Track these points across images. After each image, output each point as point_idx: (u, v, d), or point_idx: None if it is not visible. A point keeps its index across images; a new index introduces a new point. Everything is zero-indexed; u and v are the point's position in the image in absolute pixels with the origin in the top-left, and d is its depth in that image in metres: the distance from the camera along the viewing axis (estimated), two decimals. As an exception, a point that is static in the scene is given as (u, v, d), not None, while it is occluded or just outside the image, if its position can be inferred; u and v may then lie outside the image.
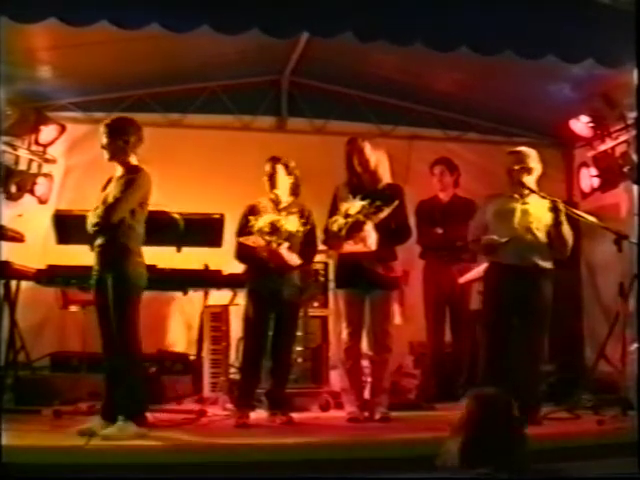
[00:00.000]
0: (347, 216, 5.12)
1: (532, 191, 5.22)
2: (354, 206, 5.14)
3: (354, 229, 5.12)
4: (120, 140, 4.70)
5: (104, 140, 4.72)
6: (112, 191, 4.68)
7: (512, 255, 5.14)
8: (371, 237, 5.18)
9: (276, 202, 5.36)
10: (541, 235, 5.19)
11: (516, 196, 5.27)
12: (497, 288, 5.26)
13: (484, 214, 5.34)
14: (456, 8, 4.65)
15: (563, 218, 5.16)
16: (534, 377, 5.21)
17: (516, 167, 5.23)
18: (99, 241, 4.68)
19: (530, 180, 5.25)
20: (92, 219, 4.66)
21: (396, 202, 5.23)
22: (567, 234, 5.18)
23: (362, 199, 5.15)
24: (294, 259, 5.24)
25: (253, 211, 5.32)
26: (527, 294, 5.13)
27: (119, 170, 4.75)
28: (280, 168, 5.36)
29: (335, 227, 5.16)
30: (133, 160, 4.76)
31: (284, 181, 5.38)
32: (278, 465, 4.09)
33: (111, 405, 4.64)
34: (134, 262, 4.65)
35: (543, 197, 5.22)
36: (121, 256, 4.62)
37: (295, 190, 5.43)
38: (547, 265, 5.22)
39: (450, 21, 4.68)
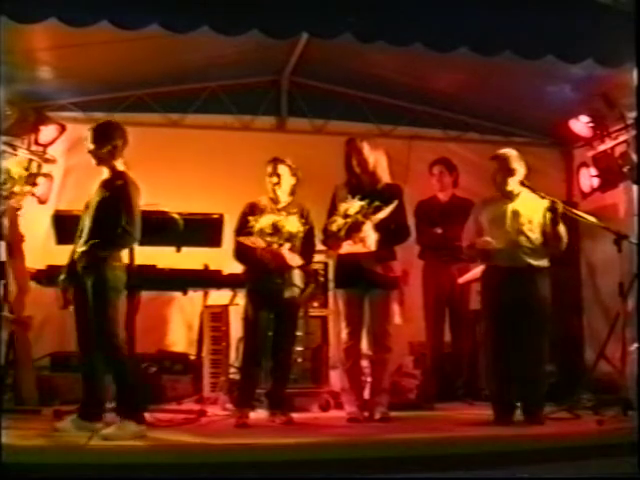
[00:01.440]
0: (346, 216, 5.12)
1: (533, 191, 5.22)
2: (353, 206, 5.14)
3: (353, 229, 5.12)
4: (108, 146, 4.70)
5: (90, 146, 4.73)
6: (97, 198, 4.68)
7: (506, 257, 5.15)
8: (370, 237, 5.18)
9: (276, 202, 5.37)
10: (534, 235, 5.18)
11: (505, 198, 5.26)
12: (495, 290, 5.26)
13: (478, 219, 5.34)
14: (455, 9, 4.66)
15: (560, 217, 5.16)
16: (537, 377, 5.21)
17: (504, 169, 5.21)
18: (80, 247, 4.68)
19: (513, 182, 5.23)
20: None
21: (395, 202, 5.23)
22: (562, 232, 5.18)
23: (361, 199, 5.15)
24: (296, 260, 5.25)
25: (253, 210, 5.32)
26: (525, 294, 5.13)
27: (105, 173, 4.75)
28: (285, 169, 5.37)
29: (334, 227, 5.16)
30: (119, 165, 4.76)
31: (288, 182, 5.38)
32: (278, 465, 4.09)
33: (89, 405, 4.66)
34: (112, 266, 4.65)
35: (541, 196, 5.22)
36: (99, 260, 4.61)
37: (294, 190, 5.43)
38: (542, 264, 5.22)
39: (449, 22, 4.69)
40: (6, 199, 5.60)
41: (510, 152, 5.29)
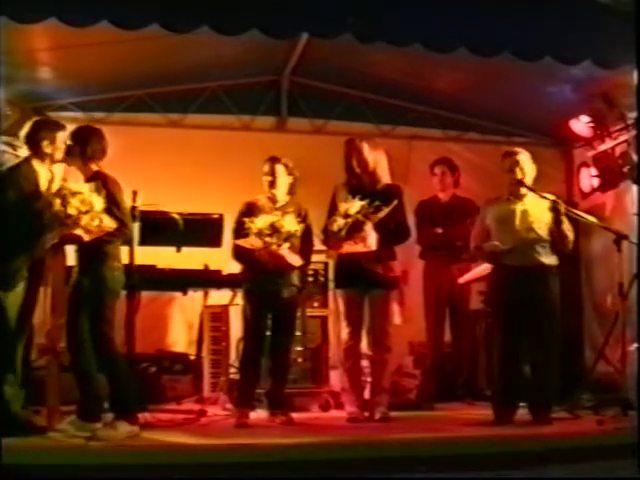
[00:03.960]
0: (347, 216, 5.12)
1: (532, 190, 5.22)
2: (354, 206, 5.13)
3: (354, 229, 5.12)
4: (83, 154, 4.72)
5: (63, 151, 4.75)
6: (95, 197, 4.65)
7: (517, 257, 5.15)
8: (371, 237, 5.18)
9: (273, 201, 5.37)
10: (543, 233, 5.20)
11: (512, 198, 5.27)
12: (505, 290, 5.26)
13: (484, 220, 5.35)
14: (455, 10, 4.66)
15: (563, 216, 5.17)
16: (548, 377, 5.21)
17: (514, 168, 5.22)
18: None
19: (527, 180, 5.25)
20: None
21: (395, 202, 5.23)
22: (568, 230, 5.20)
23: (361, 199, 5.15)
24: (296, 260, 5.24)
25: (249, 211, 5.31)
26: (535, 293, 5.14)
27: (82, 175, 4.74)
28: (281, 168, 5.36)
29: (335, 227, 5.15)
30: (93, 167, 4.77)
31: (284, 181, 5.38)
32: (278, 465, 4.09)
33: (87, 405, 4.66)
34: (111, 267, 4.67)
35: (543, 197, 5.23)
36: (99, 259, 4.63)
37: (292, 189, 5.43)
38: (552, 262, 5.24)
39: (448, 22, 4.69)
40: None
41: (523, 151, 5.31)
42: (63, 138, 4.79)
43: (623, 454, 4.20)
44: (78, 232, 4.49)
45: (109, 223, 4.56)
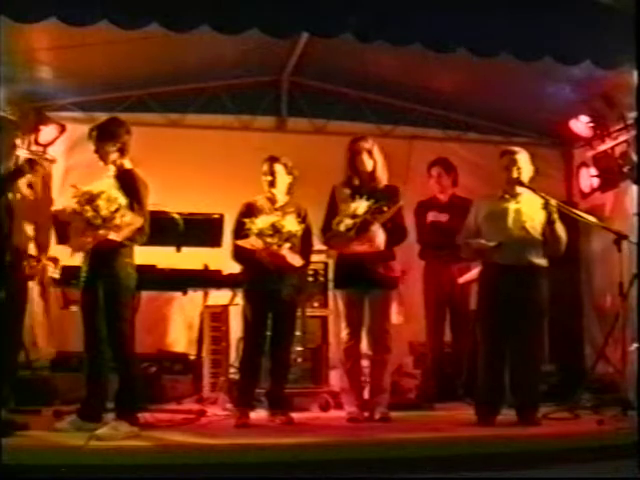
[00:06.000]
0: (355, 216, 5.11)
1: (530, 189, 5.21)
2: (361, 206, 5.13)
3: (362, 229, 5.12)
4: (117, 144, 4.70)
5: (97, 145, 4.72)
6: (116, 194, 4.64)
7: (508, 255, 5.11)
8: (379, 237, 5.18)
9: (273, 202, 5.36)
10: (536, 233, 5.17)
11: (507, 196, 5.24)
12: (493, 288, 5.22)
13: (475, 217, 5.32)
14: (454, 9, 4.67)
15: (556, 216, 5.14)
16: (532, 377, 5.20)
17: (511, 167, 5.21)
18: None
19: (524, 180, 5.24)
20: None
21: (400, 203, 5.25)
22: (561, 232, 5.16)
23: (367, 199, 5.15)
24: (297, 260, 5.24)
25: (249, 211, 5.30)
26: (524, 293, 5.10)
27: (112, 171, 4.73)
28: (280, 168, 5.35)
29: (342, 227, 5.14)
30: (127, 163, 4.76)
31: (283, 181, 5.38)
32: (278, 465, 4.09)
33: (90, 405, 4.66)
34: (124, 263, 4.66)
35: (541, 196, 5.22)
36: (111, 258, 4.62)
37: (291, 189, 5.42)
38: (543, 263, 5.20)
39: (448, 22, 4.69)
40: None
41: (521, 150, 5.30)
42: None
43: (623, 454, 4.20)
44: (111, 236, 4.48)
45: (136, 219, 4.54)
